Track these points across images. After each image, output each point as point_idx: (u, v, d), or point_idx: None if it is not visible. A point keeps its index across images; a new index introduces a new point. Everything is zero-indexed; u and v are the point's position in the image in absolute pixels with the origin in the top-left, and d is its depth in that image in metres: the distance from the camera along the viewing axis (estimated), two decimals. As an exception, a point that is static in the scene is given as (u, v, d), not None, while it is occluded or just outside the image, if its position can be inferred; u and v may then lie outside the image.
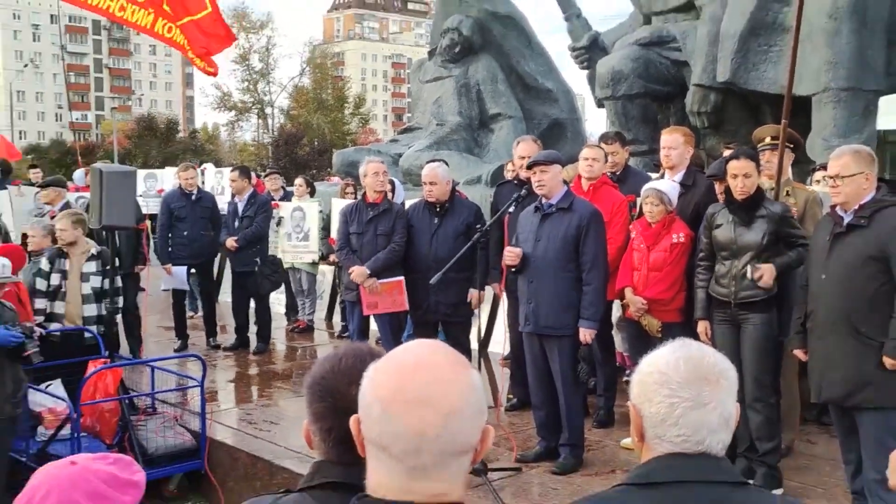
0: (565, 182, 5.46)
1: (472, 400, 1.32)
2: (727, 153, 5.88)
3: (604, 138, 6.65)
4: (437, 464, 1.28)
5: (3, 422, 5.24)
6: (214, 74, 9.28)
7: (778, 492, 4.63)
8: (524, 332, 5.48)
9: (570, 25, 11.35)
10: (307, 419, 1.73)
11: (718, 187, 5.39)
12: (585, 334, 5.20)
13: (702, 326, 5.01)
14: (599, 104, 10.41)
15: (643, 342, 5.43)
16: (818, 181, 6.50)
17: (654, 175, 6.63)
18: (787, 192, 5.40)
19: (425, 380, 1.30)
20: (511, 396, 6.63)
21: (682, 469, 1.61)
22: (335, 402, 1.64)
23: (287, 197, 10.40)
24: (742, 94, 8.72)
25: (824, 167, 5.50)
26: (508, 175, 7.58)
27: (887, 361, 4.06)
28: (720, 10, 8.75)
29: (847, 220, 4.24)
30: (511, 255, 5.36)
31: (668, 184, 5.60)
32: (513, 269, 5.47)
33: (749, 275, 4.75)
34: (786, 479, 4.91)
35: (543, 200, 5.32)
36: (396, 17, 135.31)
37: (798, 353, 4.60)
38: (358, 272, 6.49)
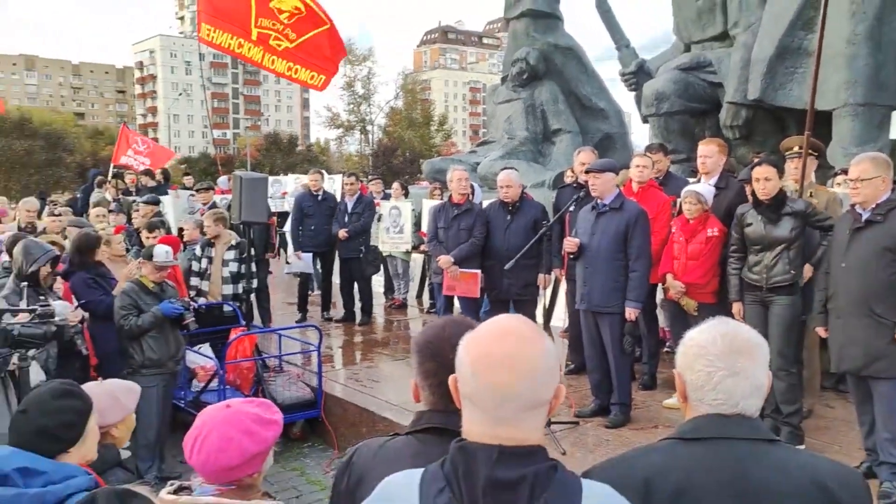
0: (618, 186, 5.40)
1: (547, 363, 1.32)
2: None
3: (649, 149, 6.53)
4: (518, 415, 1.29)
5: (168, 375, 5.41)
6: (320, 89, 9.20)
7: (801, 447, 4.50)
8: (580, 309, 5.45)
9: (620, 54, 11.18)
10: (415, 377, 1.74)
11: (748, 189, 5.25)
12: (630, 312, 5.17)
13: (736, 308, 4.89)
14: (644, 120, 10.19)
15: (682, 319, 5.37)
16: (839, 184, 6.27)
17: (691, 180, 6.48)
18: (811, 193, 5.24)
19: (508, 345, 1.31)
20: (569, 363, 6.57)
21: (722, 427, 1.58)
22: (441, 361, 1.65)
23: (386, 198, 10.50)
24: (770, 110, 8.42)
25: (845, 172, 5.33)
26: (567, 180, 7.49)
27: (898, 338, 3.90)
28: (751, 39, 8.48)
29: (865, 216, 4.10)
30: (570, 244, 5.37)
31: (704, 186, 5.49)
32: (571, 257, 5.45)
33: None
34: (807, 438, 4.75)
35: (598, 201, 5.28)
36: (473, 50, 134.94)
37: (820, 330, 4.46)
38: (444, 260, 6.52)
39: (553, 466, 1.29)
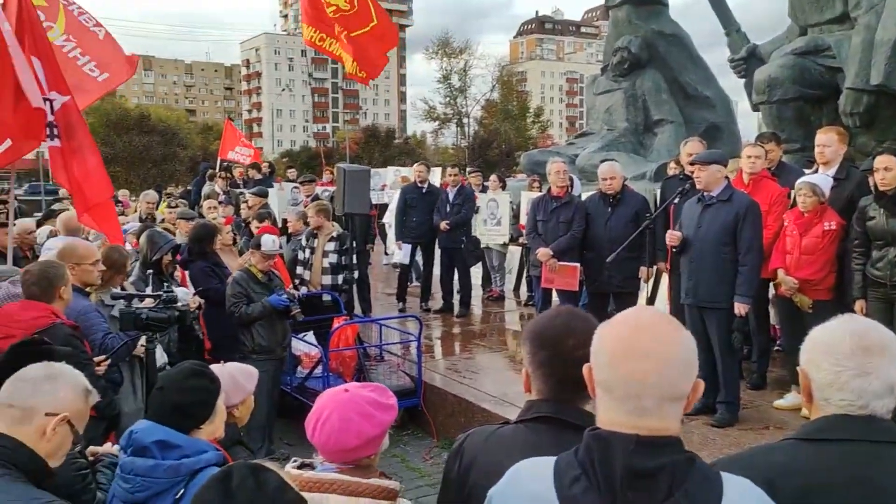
0: (727, 177, 5.22)
1: (684, 356, 1.32)
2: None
3: (761, 138, 6.27)
4: (656, 406, 1.29)
5: (276, 361, 5.66)
6: (365, 82, 9.20)
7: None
8: (685, 303, 5.30)
9: (729, 39, 10.72)
10: (527, 366, 1.76)
11: (871, 181, 4.97)
12: (740, 308, 5.00)
13: (859, 305, 4.66)
14: (755, 108, 9.74)
15: (795, 317, 5.16)
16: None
17: (806, 171, 6.17)
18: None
19: (646, 337, 1.32)
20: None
21: (850, 428, 1.52)
22: (554, 351, 1.67)
23: (484, 190, 10.53)
24: (894, 96, 7.88)
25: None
26: (671, 171, 7.29)
27: None
28: (875, 21, 7.95)
29: None
30: (673, 237, 5.25)
31: (820, 177, 5.23)
32: (674, 249, 5.33)
33: None
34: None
35: (705, 193, 5.12)
36: (571, 40, 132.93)
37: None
38: (542, 252, 6.50)
39: (691, 458, 1.29)
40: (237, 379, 2.74)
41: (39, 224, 8.09)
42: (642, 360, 1.29)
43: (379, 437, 1.96)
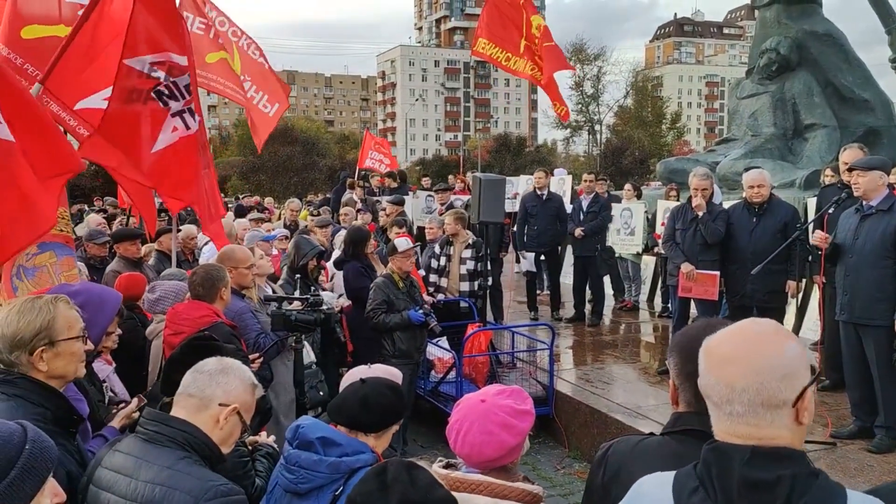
0: (890, 185, 4.85)
1: (780, 362, 1.30)
2: None
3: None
4: (749, 412, 1.29)
5: (413, 365, 5.81)
6: (565, 118, 9.36)
7: None
8: (840, 320, 4.98)
9: (890, 38, 9.95)
10: (674, 378, 1.75)
11: None
12: (902, 326, 4.62)
13: None
14: (920, 110, 8.98)
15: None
16: None
17: None
18: None
19: (739, 342, 1.34)
20: (824, 378, 6.02)
21: None
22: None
23: (611, 199, 10.27)
24: None
25: None
26: (827, 180, 6.85)
27: None
28: None
29: None
30: (820, 238, 5.00)
31: None
32: (819, 252, 5.05)
33: None
34: None
35: (864, 202, 4.80)
36: (711, 42, 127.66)
37: None
38: (685, 266, 6.34)
39: (814, 473, 1.26)
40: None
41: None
42: (730, 364, 1.31)
43: (520, 444, 2.00)
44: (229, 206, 13.86)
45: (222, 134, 74.04)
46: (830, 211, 5.34)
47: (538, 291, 9.90)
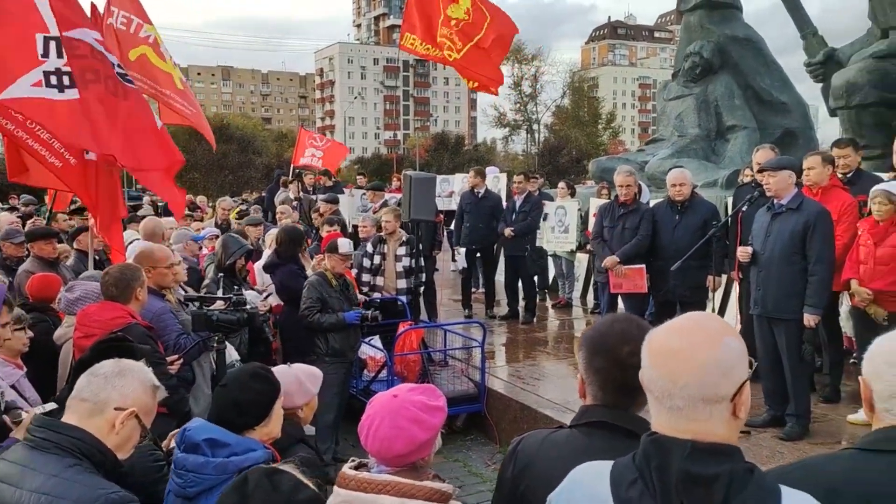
0: (798, 185, 5.05)
1: (721, 358, 1.31)
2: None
3: (838, 144, 6.08)
4: (689, 406, 1.30)
5: (347, 364, 5.77)
6: (496, 92, 9.21)
7: None
8: (754, 314, 5.16)
9: (805, 43, 10.38)
10: (582, 372, 1.77)
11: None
12: (809, 319, 4.85)
13: None
14: (833, 113, 9.41)
15: (870, 329, 4.93)
16: None
17: (885, 177, 5.92)
18: None
19: (681, 337, 1.34)
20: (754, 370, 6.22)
21: None
22: (609, 357, 1.69)
23: (543, 197, 10.38)
24: (985, 99, 7.48)
25: None
26: (746, 179, 7.09)
27: None
28: (964, 21, 7.57)
29: None
30: (744, 254, 5.14)
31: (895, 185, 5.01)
32: (744, 261, 5.19)
33: None
34: None
35: (775, 201, 4.98)
36: (644, 45, 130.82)
37: None
38: (609, 260, 6.44)
39: (750, 468, 1.28)
40: (303, 381, 2.82)
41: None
42: (671, 359, 1.32)
43: (431, 440, 2.00)
44: (159, 204, 13.48)
45: (154, 130, 71.73)
46: (744, 209, 5.53)
47: (473, 289, 9.96)
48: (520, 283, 9.22)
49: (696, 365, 1.30)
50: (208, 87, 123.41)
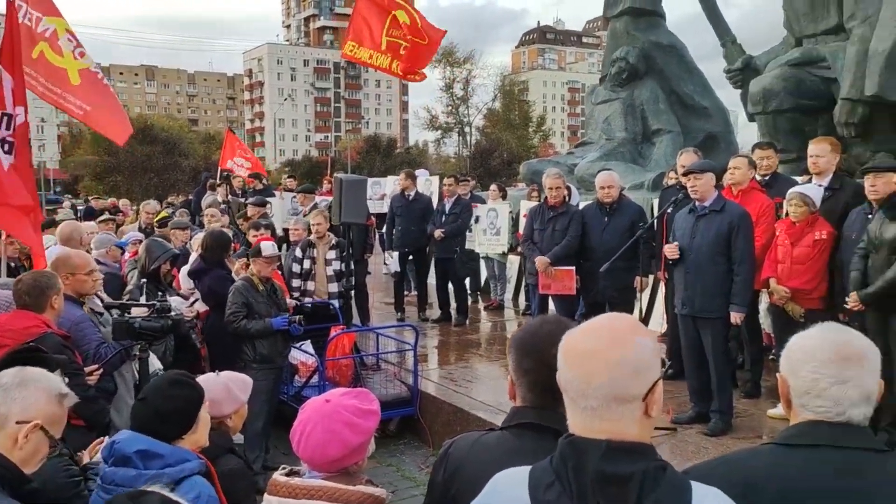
0: (717, 187, 5.25)
1: (635, 357, 1.33)
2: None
3: (758, 146, 6.39)
4: (602, 406, 1.31)
5: (276, 370, 5.66)
6: (422, 79, 9.23)
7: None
8: (680, 314, 5.32)
9: (725, 50, 10.78)
10: (511, 374, 1.78)
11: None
12: (735, 317, 5.03)
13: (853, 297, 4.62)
14: (751, 118, 9.78)
15: (787, 326, 5.16)
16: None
17: (799, 180, 6.21)
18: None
19: (594, 338, 1.36)
20: (668, 368, 6.40)
21: (827, 434, 1.54)
22: (538, 359, 1.69)
23: (474, 199, 10.45)
24: (889, 107, 7.91)
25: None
26: (670, 181, 7.31)
27: None
28: (869, 32, 7.99)
29: None
30: (671, 250, 5.24)
31: (811, 188, 5.28)
32: (670, 261, 5.33)
33: None
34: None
35: (698, 203, 5.15)
36: (572, 49, 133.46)
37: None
38: (539, 261, 6.52)
39: (662, 466, 1.30)
40: (231, 388, 2.75)
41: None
42: (586, 360, 1.33)
43: (364, 444, 1.98)
44: (79, 208, 12.95)
45: (73, 131, 68.89)
46: (669, 211, 5.69)
47: (405, 292, 9.94)
48: (451, 286, 9.25)
49: (609, 365, 1.31)
50: (131, 87, 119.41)
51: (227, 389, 2.68)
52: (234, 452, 2.62)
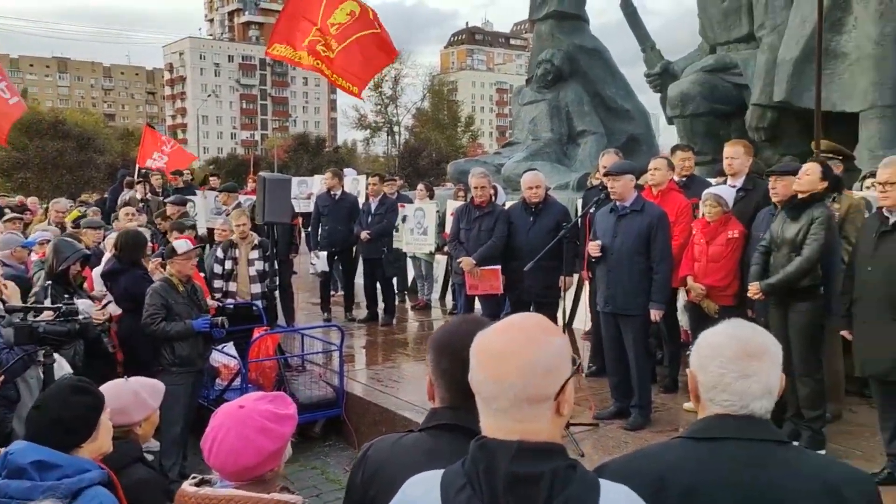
0: (637, 187, 5.39)
1: (546, 358, 1.33)
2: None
3: (679, 148, 6.59)
4: (513, 407, 1.31)
5: (196, 373, 5.49)
6: (358, 96, 9.13)
7: (821, 452, 4.45)
8: (602, 312, 5.43)
9: (645, 56, 11.14)
10: (430, 374, 1.76)
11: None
12: (655, 314, 5.17)
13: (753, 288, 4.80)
14: (670, 121, 10.15)
15: (703, 322, 5.32)
16: (868, 187, 6.17)
17: (713, 181, 6.46)
18: (833, 198, 5.17)
19: (508, 338, 1.35)
20: (591, 365, 6.55)
21: (732, 427, 1.59)
22: (456, 359, 1.67)
23: (401, 199, 10.42)
24: (796, 112, 8.32)
25: (873, 174, 5.24)
26: (594, 182, 7.46)
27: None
28: (777, 41, 8.40)
29: (893, 220, 4.05)
30: (594, 247, 5.34)
31: (724, 189, 5.48)
32: (593, 259, 5.43)
33: None
34: (829, 443, 4.69)
35: (619, 203, 5.27)
36: (501, 51, 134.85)
37: (844, 333, 4.43)
38: (465, 261, 6.55)
39: (572, 465, 1.31)
40: (140, 395, 2.64)
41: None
42: (500, 361, 1.33)
43: (280, 450, 1.92)
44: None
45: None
46: (592, 211, 5.80)
47: (332, 292, 9.83)
48: (378, 286, 9.20)
49: (521, 365, 1.31)
50: (42, 79, 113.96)
51: (135, 395, 2.57)
52: (144, 461, 2.51)
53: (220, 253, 7.14)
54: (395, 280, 9.90)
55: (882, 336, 4.03)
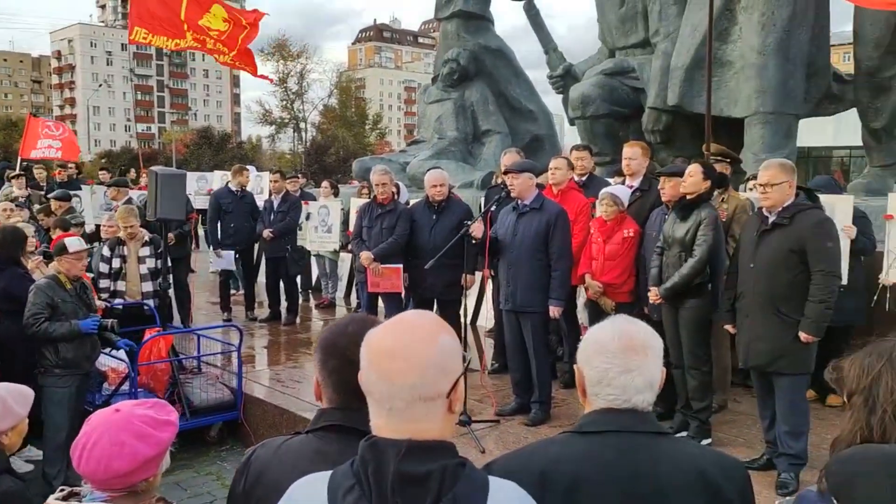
0: (539, 186, 5.49)
1: (439, 356, 1.32)
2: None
3: (576, 148, 6.72)
4: (411, 407, 1.30)
5: (81, 376, 5.22)
6: (260, 76, 9.05)
7: (706, 441, 4.67)
8: (504, 309, 5.50)
9: (548, 58, 11.37)
10: (318, 374, 1.74)
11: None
12: (554, 311, 5.27)
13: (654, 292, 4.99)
14: (571, 123, 10.42)
15: (601, 318, 5.39)
16: (751, 189, 6.51)
17: (611, 181, 6.67)
18: (723, 198, 5.44)
19: (399, 337, 1.33)
20: (494, 362, 6.63)
21: (614, 420, 1.62)
22: (343, 359, 1.65)
23: (303, 196, 10.28)
24: (689, 116, 8.71)
25: (755, 177, 5.52)
26: (498, 181, 7.56)
27: (802, 336, 4.13)
28: (670, 47, 8.77)
29: (772, 219, 4.26)
30: (476, 229, 5.34)
31: (620, 188, 5.66)
32: (474, 242, 5.40)
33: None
34: (715, 432, 4.93)
35: (519, 201, 5.35)
36: (409, 49, 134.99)
37: (728, 327, 4.65)
38: (365, 256, 6.51)
39: (461, 463, 1.30)
40: (7, 402, 2.46)
41: None
42: (390, 360, 1.31)
43: (157, 457, 1.83)
44: None
45: None
46: (493, 209, 5.88)
47: (233, 291, 9.55)
48: (281, 284, 9.01)
49: (413, 364, 1.30)
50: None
51: (2, 403, 2.40)
52: (11, 472, 2.35)
53: (106, 251, 6.78)
54: (298, 278, 9.73)
55: (762, 330, 4.26)
